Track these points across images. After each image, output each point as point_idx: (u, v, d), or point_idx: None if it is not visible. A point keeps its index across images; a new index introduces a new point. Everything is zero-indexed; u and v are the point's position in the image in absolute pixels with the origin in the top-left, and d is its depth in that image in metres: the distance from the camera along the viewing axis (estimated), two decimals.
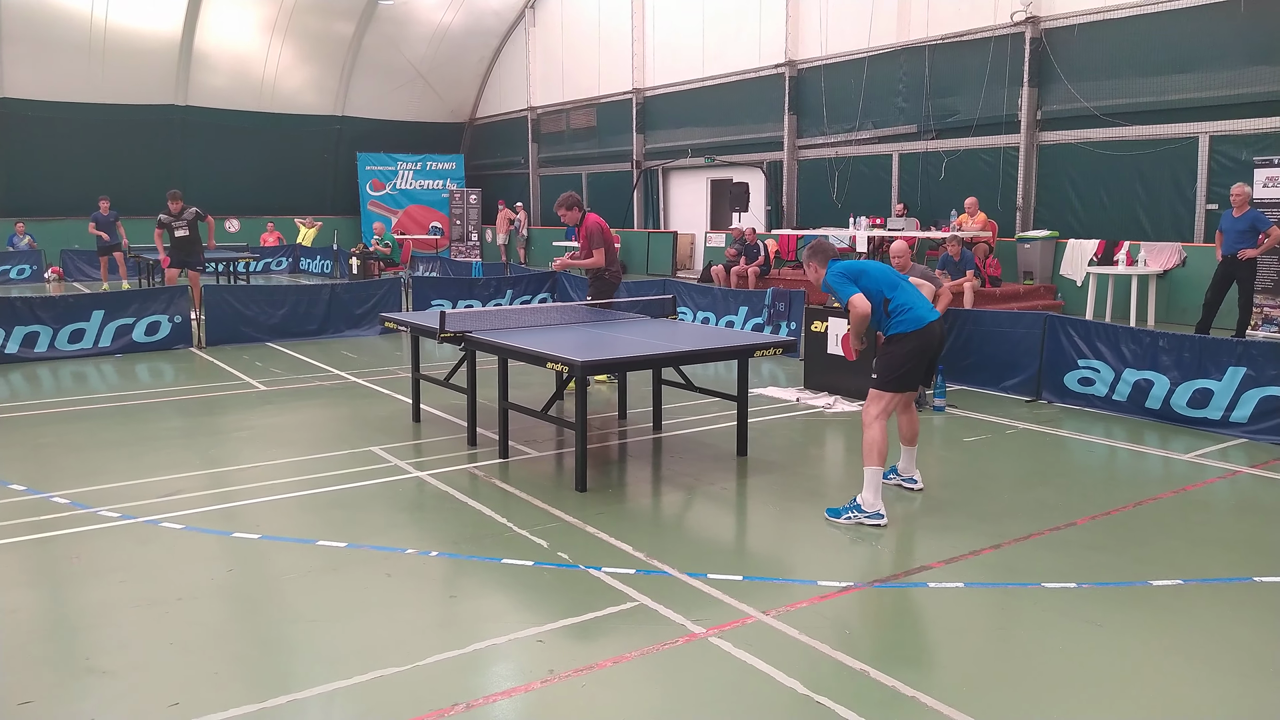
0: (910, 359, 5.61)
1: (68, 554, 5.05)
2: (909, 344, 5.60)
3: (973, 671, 3.79)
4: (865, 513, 5.46)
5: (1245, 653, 3.92)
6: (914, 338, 5.60)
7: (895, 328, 5.64)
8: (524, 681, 3.66)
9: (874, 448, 5.49)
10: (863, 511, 5.47)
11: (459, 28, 27.70)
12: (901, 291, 5.69)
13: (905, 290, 5.72)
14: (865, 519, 5.45)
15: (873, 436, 5.51)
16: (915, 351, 5.62)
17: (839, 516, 5.54)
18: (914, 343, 5.61)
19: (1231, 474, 6.56)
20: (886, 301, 5.64)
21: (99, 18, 23.81)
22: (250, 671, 3.78)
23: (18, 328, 11.15)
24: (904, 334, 5.61)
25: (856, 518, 5.47)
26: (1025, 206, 15.77)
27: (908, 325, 5.61)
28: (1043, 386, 8.85)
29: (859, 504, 5.50)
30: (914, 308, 5.65)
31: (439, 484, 6.27)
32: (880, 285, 5.65)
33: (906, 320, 5.62)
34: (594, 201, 25.88)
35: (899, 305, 5.63)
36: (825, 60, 18.87)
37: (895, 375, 5.60)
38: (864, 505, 5.47)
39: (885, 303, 5.64)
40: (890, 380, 5.60)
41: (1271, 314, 12.05)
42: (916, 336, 5.61)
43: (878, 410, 5.58)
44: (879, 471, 5.50)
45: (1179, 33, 13.68)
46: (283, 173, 27.86)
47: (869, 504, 5.47)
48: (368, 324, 13.29)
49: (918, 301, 5.70)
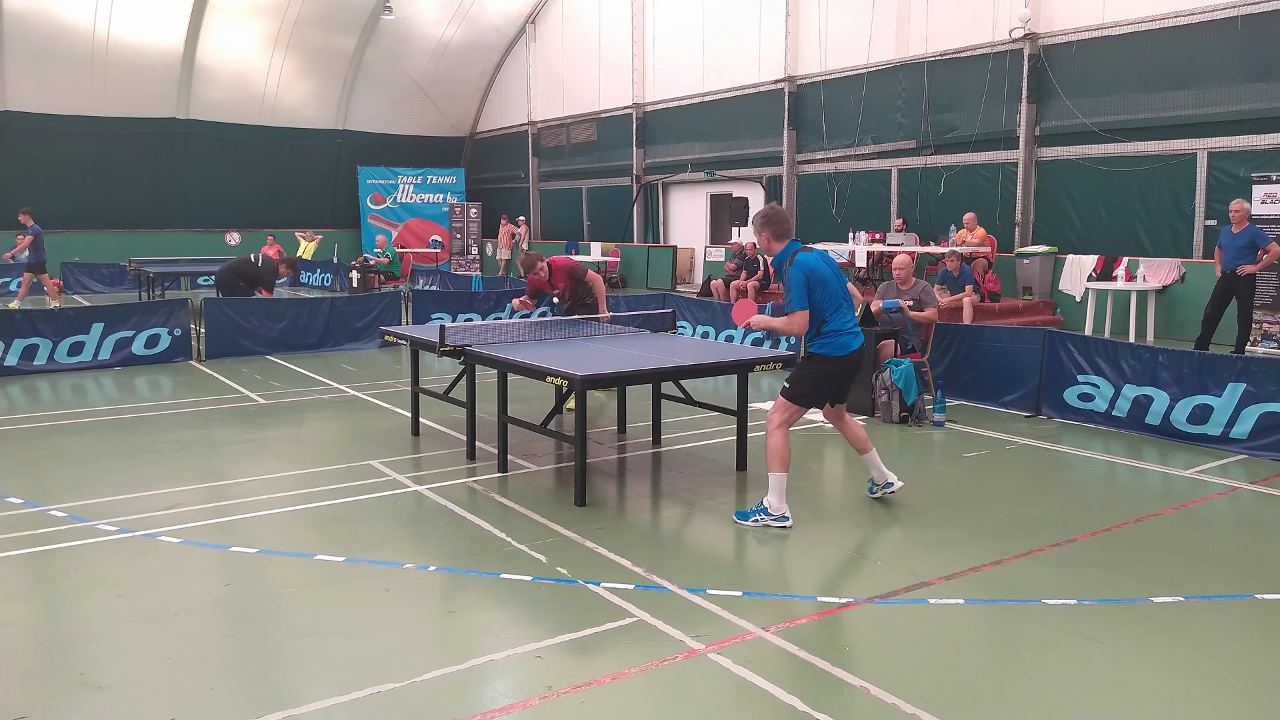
0: (826, 380, 5.77)
1: (65, 567, 5.03)
2: (829, 367, 5.73)
3: (973, 689, 3.77)
4: (771, 515, 5.64)
5: (1246, 670, 3.91)
6: (835, 362, 5.73)
7: (820, 348, 5.73)
8: (522, 698, 3.64)
9: (777, 455, 5.65)
10: (769, 514, 5.64)
11: (460, 42, 27.83)
12: (840, 315, 5.73)
13: (843, 314, 5.76)
14: (772, 521, 5.63)
15: (775, 444, 5.67)
16: (833, 374, 5.77)
17: (747, 519, 5.70)
18: (834, 366, 5.74)
19: (1232, 490, 6.55)
20: (823, 323, 5.69)
21: (101, 31, 23.91)
22: (247, 686, 3.76)
23: (17, 340, 11.14)
24: (826, 356, 5.72)
25: (763, 520, 5.65)
26: (1024, 222, 15.81)
27: (832, 350, 5.71)
28: (1042, 402, 8.85)
29: (765, 507, 5.66)
30: (843, 333, 5.73)
31: (438, 498, 6.26)
32: (826, 305, 5.67)
33: (832, 345, 5.71)
34: (594, 216, 25.99)
35: (832, 328, 5.71)
36: (825, 76, 18.95)
37: (806, 391, 5.75)
38: (770, 509, 5.65)
39: (820, 323, 5.69)
40: (800, 395, 5.75)
41: (1271, 330, 12.06)
42: (838, 361, 5.73)
43: (781, 419, 5.73)
44: (783, 477, 5.66)
45: (1177, 49, 13.74)
46: (283, 186, 27.94)
47: (775, 507, 5.64)
48: (367, 337, 13.29)
49: (848, 326, 5.77)
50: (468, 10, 26.81)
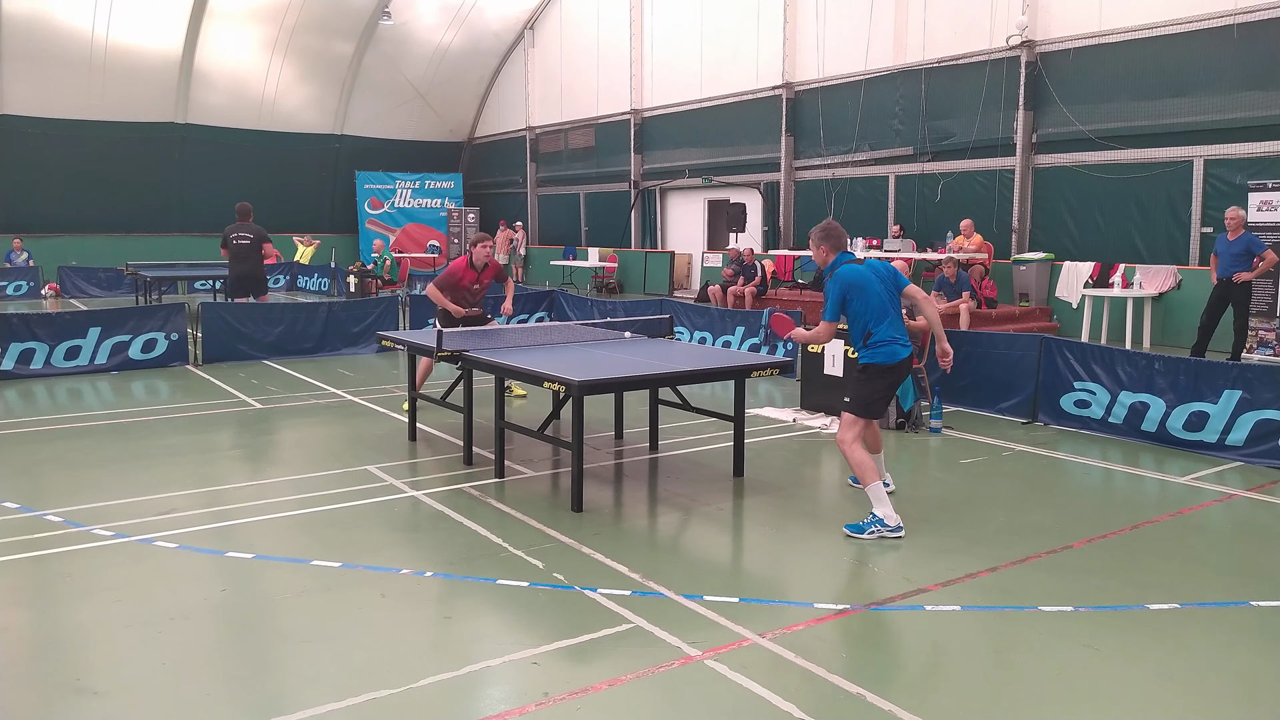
0: (883, 389, 5.90)
1: (60, 572, 5.02)
2: (884, 377, 5.86)
3: (969, 695, 3.77)
4: (888, 526, 5.66)
5: (1242, 678, 3.91)
6: (889, 371, 5.84)
7: (870, 357, 5.85)
8: (518, 704, 3.64)
9: (866, 467, 5.75)
10: (885, 526, 5.66)
11: (458, 48, 27.87)
12: (886, 324, 5.82)
13: (890, 323, 5.84)
14: (888, 532, 5.65)
15: (859, 458, 5.77)
16: (889, 384, 5.90)
17: (862, 532, 5.67)
18: (889, 375, 5.86)
19: (1228, 497, 6.56)
20: (869, 334, 5.82)
21: (99, 35, 23.93)
22: (243, 692, 3.76)
23: (14, 344, 11.13)
24: (879, 365, 5.83)
25: (880, 532, 5.65)
26: (1021, 229, 15.84)
27: (882, 358, 5.81)
28: (1039, 408, 8.86)
29: (881, 519, 5.66)
30: (892, 342, 5.81)
31: (435, 503, 6.25)
32: (868, 315, 5.80)
33: (882, 353, 5.81)
34: (592, 221, 26.01)
35: (880, 339, 5.81)
36: (822, 82, 18.99)
37: (868, 403, 5.88)
38: (886, 520, 5.66)
39: (867, 335, 5.83)
40: (864, 408, 5.86)
41: (1266, 337, 12.09)
42: (891, 370, 5.85)
43: (853, 435, 5.83)
44: (880, 485, 5.75)
45: (1174, 57, 13.79)
46: (281, 191, 27.91)
47: (889, 517, 5.67)
48: (364, 342, 13.29)
49: (898, 335, 5.85)
50: (466, 15, 26.85)
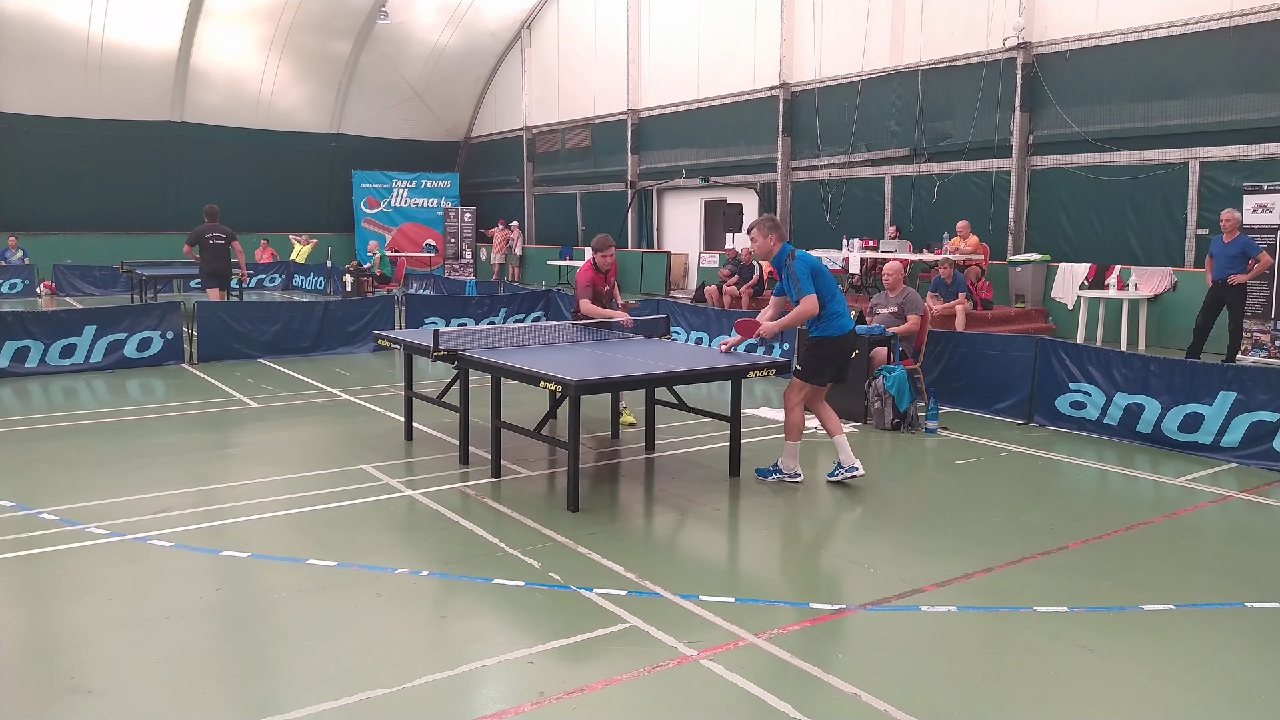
0: (831, 359, 6.56)
1: (56, 571, 5.01)
2: (834, 346, 6.54)
3: (964, 695, 3.78)
4: (785, 474, 6.67)
5: (1236, 679, 3.92)
6: (838, 341, 6.54)
7: (822, 330, 6.51)
8: (514, 704, 3.64)
9: (796, 428, 6.60)
10: (783, 474, 6.68)
11: (455, 47, 27.85)
12: (836, 300, 6.52)
13: (838, 299, 6.54)
14: (787, 478, 6.67)
15: (795, 420, 6.59)
16: (837, 352, 6.57)
17: (767, 476, 6.69)
18: (837, 345, 6.55)
19: (1222, 499, 6.58)
20: (823, 305, 6.39)
21: (96, 34, 23.88)
22: (239, 692, 3.75)
23: (9, 342, 11.11)
24: (831, 337, 6.52)
25: (779, 478, 6.68)
26: (1017, 230, 15.87)
27: (833, 330, 6.51)
28: (1034, 410, 8.87)
29: (780, 468, 6.69)
30: (842, 314, 6.55)
31: (430, 503, 6.25)
32: (825, 292, 6.44)
33: (833, 326, 6.50)
34: (588, 221, 26.01)
35: (832, 311, 6.49)
36: (819, 83, 19.00)
37: (817, 371, 6.57)
38: (784, 469, 6.68)
39: (822, 308, 6.39)
40: (813, 375, 6.58)
41: (1261, 339, 12.12)
42: (841, 341, 6.56)
43: (798, 398, 6.61)
44: (798, 445, 6.65)
45: (1170, 59, 13.82)
46: (277, 190, 27.90)
47: (789, 468, 6.67)
48: (361, 341, 13.28)
49: (844, 309, 6.58)
50: (463, 15, 26.84)
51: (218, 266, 14.23)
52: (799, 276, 6.36)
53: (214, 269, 14.23)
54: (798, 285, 6.37)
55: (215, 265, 14.22)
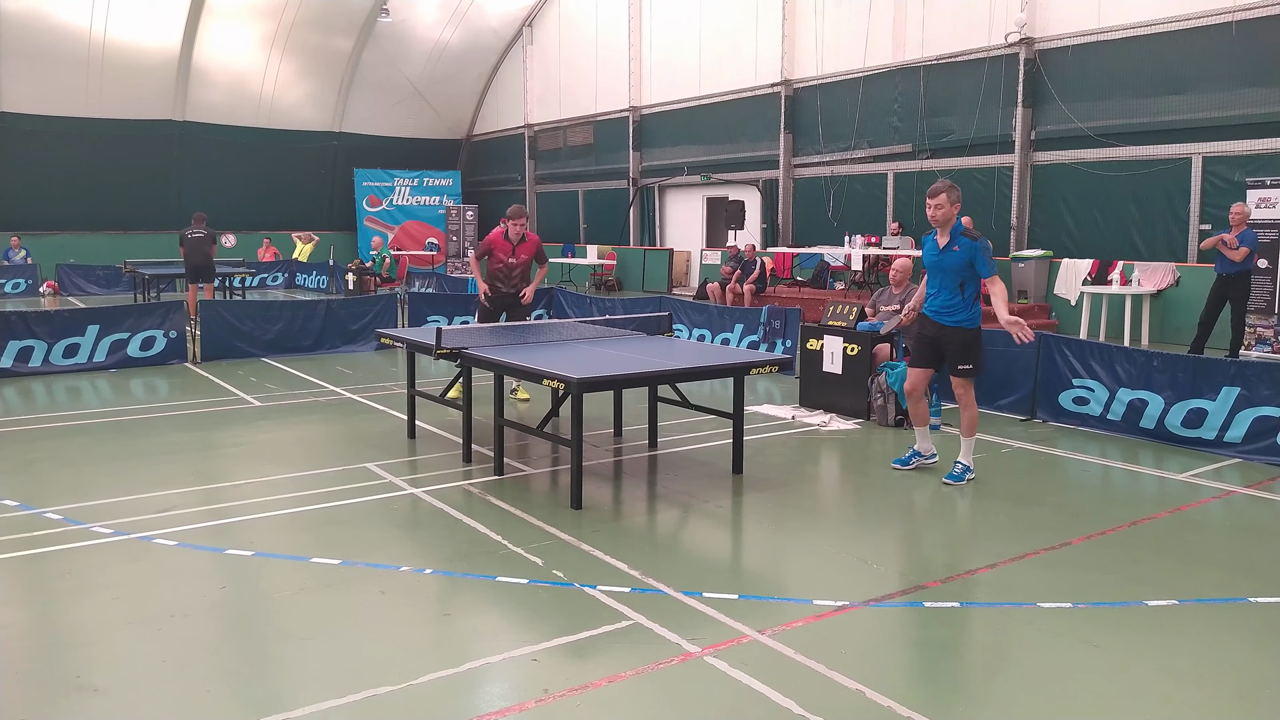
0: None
1: (60, 570, 5.02)
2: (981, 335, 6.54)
3: (968, 692, 3.78)
4: (974, 472, 6.70)
5: (1241, 674, 3.92)
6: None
7: (975, 320, 6.46)
8: (518, 701, 3.64)
9: (976, 423, 6.65)
10: (973, 472, 6.69)
11: (457, 45, 27.85)
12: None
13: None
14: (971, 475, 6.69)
15: (975, 415, 6.61)
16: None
17: (960, 480, 6.59)
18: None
19: (1226, 494, 6.57)
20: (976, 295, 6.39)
21: (98, 33, 23.90)
22: (243, 690, 3.76)
23: (12, 342, 11.12)
24: (981, 327, 6.51)
25: (970, 478, 6.65)
26: (1020, 226, 15.85)
27: (980, 317, 6.50)
28: (1037, 405, 8.86)
29: (970, 467, 6.65)
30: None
31: (434, 501, 6.26)
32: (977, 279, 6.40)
33: (979, 313, 6.49)
34: (590, 219, 26.00)
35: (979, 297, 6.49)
36: (821, 80, 18.99)
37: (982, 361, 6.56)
38: (972, 467, 6.68)
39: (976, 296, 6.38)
40: (981, 365, 6.55)
41: (1264, 334, 12.10)
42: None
43: (973, 394, 6.58)
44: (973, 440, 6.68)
45: (1172, 54, 13.79)
46: (280, 188, 27.92)
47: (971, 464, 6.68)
48: (363, 340, 13.28)
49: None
50: (465, 13, 26.83)
51: (196, 261, 15.40)
52: (987, 258, 6.27)
53: (194, 263, 15.41)
54: (987, 263, 6.25)
55: (195, 260, 15.40)
